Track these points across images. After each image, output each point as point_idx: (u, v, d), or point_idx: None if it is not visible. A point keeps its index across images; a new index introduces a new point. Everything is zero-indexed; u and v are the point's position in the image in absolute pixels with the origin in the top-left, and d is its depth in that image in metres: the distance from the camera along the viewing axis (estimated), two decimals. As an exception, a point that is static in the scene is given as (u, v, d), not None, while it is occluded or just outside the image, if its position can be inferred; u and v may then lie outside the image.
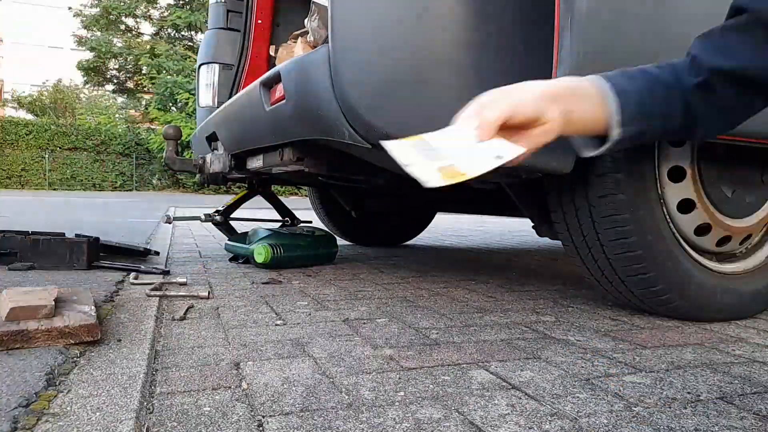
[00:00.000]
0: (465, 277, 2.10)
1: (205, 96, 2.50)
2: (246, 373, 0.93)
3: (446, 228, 5.12)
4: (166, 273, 1.90)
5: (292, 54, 1.90)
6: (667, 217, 1.38)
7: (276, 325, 1.27)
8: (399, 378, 0.92)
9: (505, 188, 1.63)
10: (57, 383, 0.80)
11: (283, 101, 1.43)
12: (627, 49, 1.11)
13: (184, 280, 1.75)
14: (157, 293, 1.50)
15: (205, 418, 0.74)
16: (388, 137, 1.20)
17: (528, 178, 1.43)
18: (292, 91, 1.39)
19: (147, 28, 25.14)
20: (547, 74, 1.11)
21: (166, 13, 23.99)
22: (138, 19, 24.67)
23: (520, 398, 0.84)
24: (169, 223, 3.09)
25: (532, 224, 1.75)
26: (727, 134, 1.13)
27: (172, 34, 24.12)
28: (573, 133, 0.72)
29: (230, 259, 2.39)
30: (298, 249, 2.26)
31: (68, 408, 0.71)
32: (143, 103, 25.28)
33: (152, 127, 22.64)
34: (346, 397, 0.83)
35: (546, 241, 3.74)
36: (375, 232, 3.34)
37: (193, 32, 23.62)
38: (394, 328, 1.27)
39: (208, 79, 2.49)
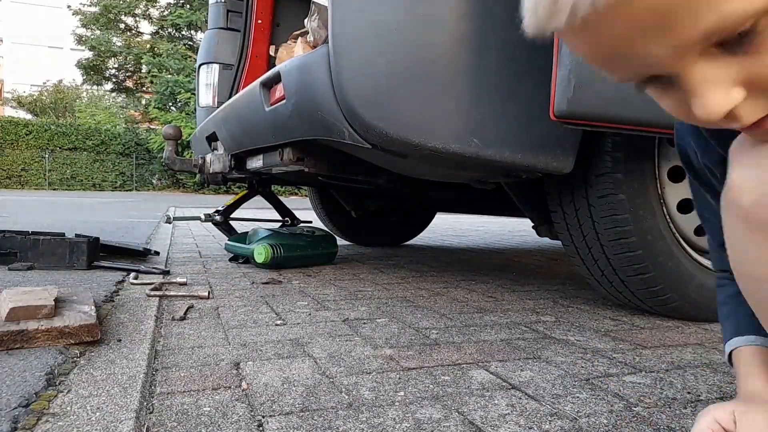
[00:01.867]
0: (465, 277, 2.10)
1: (205, 96, 2.50)
2: (246, 373, 0.93)
3: (446, 228, 5.12)
4: (166, 273, 1.90)
5: (292, 54, 1.90)
6: (667, 217, 1.38)
7: (276, 325, 1.27)
8: (399, 378, 0.92)
9: (505, 188, 1.63)
10: (57, 383, 0.80)
11: (283, 101, 1.43)
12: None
13: (184, 280, 1.75)
14: (157, 293, 1.50)
15: (205, 418, 0.74)
16: (388, 137, 1.21)
17: (528, 178, 1.43)
18: (292, 91, 1.39)
19: (147, 28, 25.10)
20: (547, 75, 1.11)
21: (165, 12, 23.97)
22: (137, 18, 24.67)
23: (520, 398, 0.84)
24: (170, 223, 3.09)
25: (532, 224, 1.75)
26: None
27: (173, 34, 24.11)
28: None
29: (230, 259, 2.39)
30: (298, 249, 2.26)
31: (68, 408, 0.71)
32: (143, 102, 25.28)
33: (152, 127, 22.64)
34: (346, 397, 0.83)
35: (546, 241, 3.74)
36: (375, 232, 3.34)
37: (193, 32, 23.60)
38: (394, 328, 1.27)
39: (208, 79, 2.49)
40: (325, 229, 2.79)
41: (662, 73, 0.39)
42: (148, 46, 23.45)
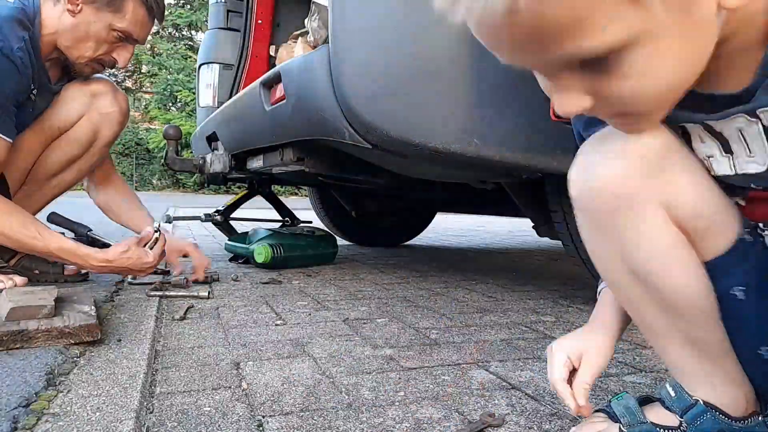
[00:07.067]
0: (465, 277, 2.10)
1: (206, 96, 2.50)
2: (246, 373, 0.93)
3: (446, 228, 5.12)
4: (166, 273, 1.90)
5: (292, 54, 1.90)
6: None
7: (276, 325, 1.27)
8: (399, 378, 0.92)
9: (505, 188, 1.63)
10: (57, 383, 0.80)
11: (284, 101, 1.44)
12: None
13: (185, 279, 1.74)
14: (157, 293, 1.50)
15: (205, 418, 0.74)
16: (388, 137, 1.21)
17: (528, 178, 1.43)
18: (293, 91, 1.39)
19: (147, 28, 25.06)
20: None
21: (166, 13, 23.98)
22: (138, 19, 24.64)
23: (520, 398, 0.84)
24: (170, 222, 3.09)
25: (532, 224, 1.75)
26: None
27: (173, 34, 24.11)
28: None
29: (230, 259, 2.39)
30: (298, 249, 2.26)
31: (68, 408, 0.71)
32: (143, 103, 25.27)
33: (152, 126, 22.62)
34: (346, 397, 0.83)
35: (546, 241, 3.74)
36: (375, 232, 3.34)
37: (193, 32, 23.60)
38: (394, 328, 1.27)
39: (208, 79, 2.49)
40: (325, 229, 2.79)
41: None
42: (149, 46, 23.44)
